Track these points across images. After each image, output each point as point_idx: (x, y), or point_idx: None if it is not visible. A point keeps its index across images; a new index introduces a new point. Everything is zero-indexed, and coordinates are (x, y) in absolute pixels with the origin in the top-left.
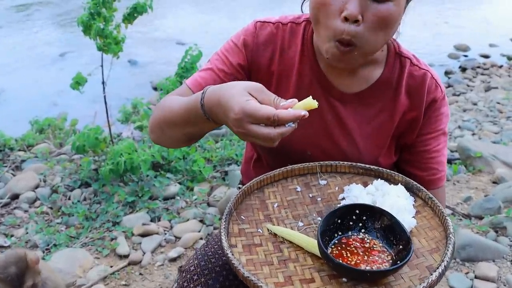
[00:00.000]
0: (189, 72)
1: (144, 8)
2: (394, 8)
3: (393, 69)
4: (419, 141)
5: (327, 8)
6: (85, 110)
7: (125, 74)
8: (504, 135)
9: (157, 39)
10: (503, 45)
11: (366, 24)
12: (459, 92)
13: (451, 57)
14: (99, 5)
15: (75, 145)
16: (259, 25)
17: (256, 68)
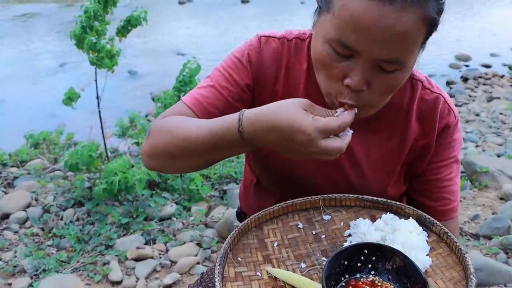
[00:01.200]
0: (187, 86)
1: (138, 20)
2: (403, 74)
3: (404, 93)
4: (431, 169)
5: (328, 68)
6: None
7: (124, 85)
8: (508, 147)
9: (157, 50)
10: (504, 54)
11: (371, 91)
12: (461, 103)
13: (452, 67)
14: (91, 19)
15: (68, 163)
16: (264, 40)
17: (261, 86)
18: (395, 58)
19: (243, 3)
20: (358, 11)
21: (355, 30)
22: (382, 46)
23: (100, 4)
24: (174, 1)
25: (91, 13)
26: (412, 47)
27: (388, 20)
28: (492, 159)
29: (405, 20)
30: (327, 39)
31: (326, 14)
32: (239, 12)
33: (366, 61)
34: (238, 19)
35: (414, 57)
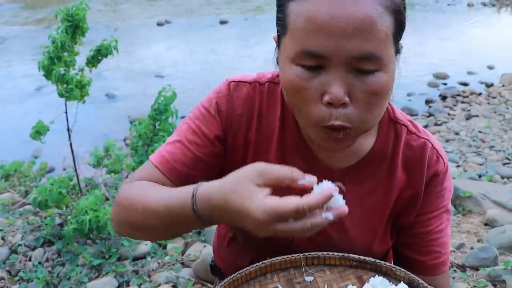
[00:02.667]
0: (162, 114)
1: (108, 50)
2: (384, 76)
3: (387, 139)
4: (419, 221)
5: (303, 91)
6: (61, 146)
7: (102, 109)
8: (489, 167)
9: (135, 72)
10: (480, 72)
11: (356, 103)
12: (441, 122)
13: (430, 86)
14: (58, 50)
15: (37, 201)
16: (233, 85)
17: (232, 137)
18: (368, 52)
19: (221, 24)
20: (311, 12)
21: (315, 33)
22: (349, 40)
23: (68, 34)
24: (152, 22)
25: (58, 44)
26: (382, 37)
27: (346, 9)
28: (475, 183)
29: (364, 5)
30: (292, 58)
31: (285, 37)
32: (218, 33)
33: (339, 66)
34: (217, 40)
35: (391, 54)
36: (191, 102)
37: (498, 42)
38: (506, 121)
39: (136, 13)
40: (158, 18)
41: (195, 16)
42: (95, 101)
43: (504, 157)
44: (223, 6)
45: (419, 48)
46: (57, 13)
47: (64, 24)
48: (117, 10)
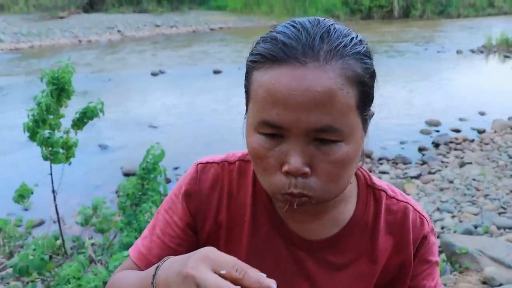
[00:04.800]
0: (151, 173)
1: (94, 112)
2: (347, 147)
3: (367, 206)
4: (413, 285)
5: (265, 159)
6: (51, 197)
7: (95, 160)
8: (485, 217)
9: (129, 122)
10: (472, 118)
11: (317, 174)
12: (435, 170)
13: (423, 133)
14: (43, 113)
15: (17, 268)
16: (201, 167)
17: (202, 221)
18: (327, 125)
19: (215, 74)
20: (272, 83)
21: (274, 104)
22: (307, 113)
23: (53, 97)
24: (147, 72)
25: (43, 107)
26: (343, 110)
27: (305, 82)
28: (470, 238)
29: (324, 78)
30: (254, 127)
31: (249, 104)
32: (212, 82)
33: (298, 137)
34: (211, 89)
35: (353, 125)
36: (184, 153)
37: (487, 88)
38: (500, 168)
39: (130, 63)
40: (153, 68)
41: (189, 66)
42: (87, 152)
43: (500, 206)
44: (216, 56)
45: (411, 95)
46: (42, 76)
47: (50, 87)
48: (111, 60)
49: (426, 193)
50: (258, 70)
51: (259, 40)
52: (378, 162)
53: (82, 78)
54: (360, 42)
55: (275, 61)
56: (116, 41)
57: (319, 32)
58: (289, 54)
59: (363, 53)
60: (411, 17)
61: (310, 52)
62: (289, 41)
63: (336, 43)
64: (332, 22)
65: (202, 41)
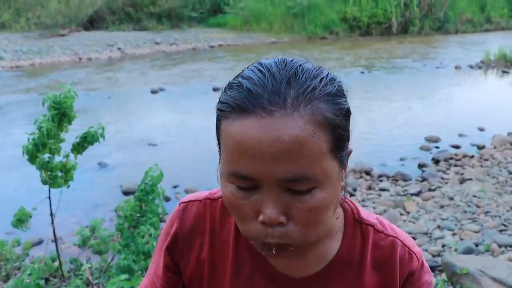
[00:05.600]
0: (149, 195)
1: (95, 137)
2: (322, 193)
3: (354, 241)
4: None
5: (239, 209)
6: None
7: (94, 178)
8: (486, 234)
9: (128, 140)
10: (471, 134)
11: (294, 221)
12: (435, 187)
13: (423, 149)
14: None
15: None
16: (183, 207)
17: (185, 261)
18: (299, 175)
19: (214, 91)
20: (239, 135)
21: (243, 156)
22: (277, 164)
23: (54, 122)
24: (146, 90)
25: (44, 132)
26: (315, 157)
27: (272, 133)
28: (471, 258)
29: (292, 127)
30: (226, 177)
31: (221, 154)
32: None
33: (271, 188)
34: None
35: (327, 170)
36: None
37: (486, 104)
38: (500, 184)
39: (130, 80)
40: (152, 85)
41: (188, 83)
42: (87, 170)
43: (500, 223)
44: (216, 73)
45: (410, 111)
46: (44, 101)
47: (51, 111)
48: (111, 77)
49: (426, 211)
50: (226, 119)
51: (226, 86)
52: (378, 179)
53: (82, 96)
54: (331, 81)
55: (241, 111)
56: (116, 58)
57: (285, 76)
58: (255, 103)
59: (335, 93)
60: (409, 33)
61: (277, 100)
62: (255, 88)
63: (304, 87)
64: (301, 63)
65: (202, 58)
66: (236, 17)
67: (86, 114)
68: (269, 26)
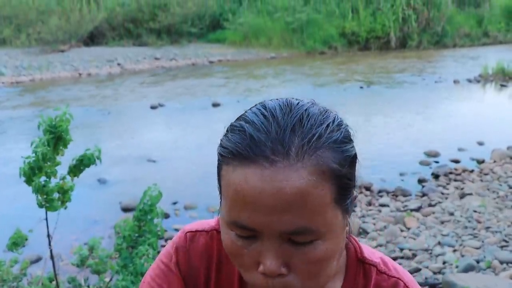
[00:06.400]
0: (148, 215)
1: (91, 160)
2: (324, 244)
3: (356, 282)
4: None
5: (239, 257)
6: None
7: (94, 194)
8: (487, 251)
9: (128, 156)
10: (471, 148)
11: (295, 272)
12: (435, 202)
13: (422, 164)
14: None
15: None
16: (190, 236)
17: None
18: (301, 227)
19: (214, 107)
20: (240, 184)
21: (244, 207)
22: (279, 217)
23: (49, 146)
24: (146, 105)
25: (39, 156)
26: (318, 209)
27: (274, 184)
28: (472, 277)
29: (295, 179)
30: (227, 225)
31: (222, 199)
32: (211, 115)
33: (272, 239)
34: (210, 122)
35: (331, 221)
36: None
37: (485, 118)
38: (500, 199)
39: (129, 96)
40: (152, 101)
41: (188, 98)
42: (86, 186)
43: (501, 239)
44: (215, 89)
45: (409, 126)
46: (39, 124)
47: (47, 135)
48: (111, 93)
49: (426, 226)
50: (227, 165)
51: (228, 129)
52: (378, 195)
53: (82, 112)
54: (338, 126)
55: (242, 159)
56: (116, 74)
57: (290, 123)
58: (257, 152)
59: (341, 140)
60: (408, 48)
61: (280, 149)
62: (257, 135)
63: (310, 135)
64: (306, 107)
65: (201, 74)
66: (235, 32)
67: (86, 130)
68: (268, 42)
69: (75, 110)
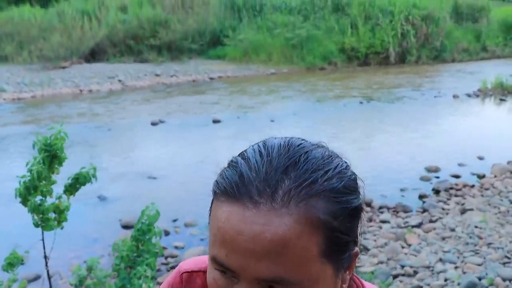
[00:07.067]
0: (146, 235)
1: (87, 178)
2: None
3: None
4: None
5: None
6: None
7: (94, 211)
8: (489, 267)
9: (128, 173)
10: (471, 163)
11: None
12: (436, 218)
13: (423, 180)
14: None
15: None
16: (186, 277)
17: None
18: (277, 277)
19: (214, 123)
20: (222, 222)
21: (223, 244)
22: (256, 262)
23: (44, 165)
24: (146, 122)
25: (34, 175)
26: (301, 260)
27: (254, 227)
28: None
29: (277, 225)
30: (210, 260)
31: (209, 232)
32: (211, 132)
33: (250, 283)
34: (210, 139)
35: (317, 275)
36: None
37: (485, 132)
38: (502, 214)
39: (130, 112)
40: (152, 117)
41: (188, 115)
42: (86, 203)
43: (503, 255)
44: (215, 105)
45: (409, 141)
46: (34, 143)
47: (42, 154)
48: (112, 109)
49: (428, 243)
50: (217, 200)
51: (228, 162)
52: (379, 211)
53: (82, 128)
54: (339, 174)
55: (228, 197)
56: (117, 90)
57: (283, 164)
58: (243, 191)
59: (340, 189)
60: (407, 63)
61: (266, 190)
62: (248, 174)
63: (301, 180)
64: (308, 149)
65: (202, 90)
66: (235, 48)
67: (86, 146)
68: (268, 58)
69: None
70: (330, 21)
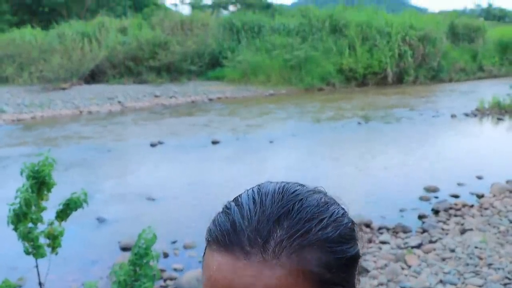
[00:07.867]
0: (143, 259)
1: (78, 203)
2: None
3: None
4: None
5: None
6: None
7: (92, 233)
8: None
9: (127, 194)
10: (470, 183)
11: None
12: (436, 238)
13: (422, 200)
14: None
15: None
16: None
17: None
18: None
19: (213, 144)
20: (213, 270)
21: None
22: None
23: (33, 192)
24: (146, 143)
25: (22, 202)
26: None
27: (244, 279)
28: None
29: (268, 277)
30: None
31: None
32: (210, 153)
33: None
34: (209, 160)
35: None
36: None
37: (483, 151)
38: (502, 234)
39: (129, 133)
40: (152, 138)
41: (187, 136)
42: (85, 225)
43: (504, 276)
44: (214, 126)
45: (408, 161)
46: (22, 170)
47: (30, 181)
48: (111, 131)
49: (428, 264)
50: (209, 247)
51: (223, 206)
52: (378, 232)
53: (82, 149)
54: (335, 222)
55: (219, 245)
56: (116, 111)
57: (276, 213)
58: (234, 240)
59: (335, 239)
60: (404, 83)
61: (258, 241)
62: (240, 222)
63: (294, 230)
64: (303, 196)
65: (201, 111)
66: (234, 70)
67: (85, 167)
68: (266, 79)
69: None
70: (328, 42)
